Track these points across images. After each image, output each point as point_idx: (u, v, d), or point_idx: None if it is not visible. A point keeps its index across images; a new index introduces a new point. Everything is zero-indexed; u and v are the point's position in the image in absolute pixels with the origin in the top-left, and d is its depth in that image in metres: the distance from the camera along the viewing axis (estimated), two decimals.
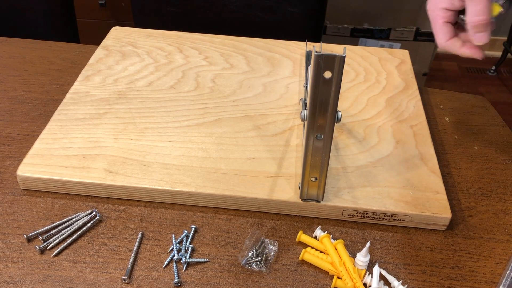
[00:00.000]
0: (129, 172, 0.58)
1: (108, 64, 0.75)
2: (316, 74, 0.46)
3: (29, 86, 0.74)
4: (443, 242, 0.56)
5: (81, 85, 0.71)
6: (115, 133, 0.63)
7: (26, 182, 0.58)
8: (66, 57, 0.81)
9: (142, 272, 0.51)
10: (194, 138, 0.63)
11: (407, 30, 1.94)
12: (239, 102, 0.69)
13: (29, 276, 0.50)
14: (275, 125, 0.66)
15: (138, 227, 0.55)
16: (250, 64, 0.77)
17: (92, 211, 0.56)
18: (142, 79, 0.73)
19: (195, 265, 0.52)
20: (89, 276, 0.50)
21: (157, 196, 0.58)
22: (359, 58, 0.79)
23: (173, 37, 0.82)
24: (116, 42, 0.80)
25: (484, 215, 0.59)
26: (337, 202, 0.56)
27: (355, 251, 0.53)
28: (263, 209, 0.57)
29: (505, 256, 0.55)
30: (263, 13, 1.06)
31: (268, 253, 0.52)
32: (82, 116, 0.65)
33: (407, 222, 0.56)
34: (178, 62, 0.76)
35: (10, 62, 0.79)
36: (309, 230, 0.56)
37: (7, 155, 0.63)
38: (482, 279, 0.52)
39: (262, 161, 0.60)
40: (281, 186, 0.57)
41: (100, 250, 0.53)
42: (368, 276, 0.51)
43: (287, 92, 0.72)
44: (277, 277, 0.51)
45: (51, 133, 0.63)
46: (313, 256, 0.52)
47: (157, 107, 0.68)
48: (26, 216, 0.56)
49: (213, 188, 0.57)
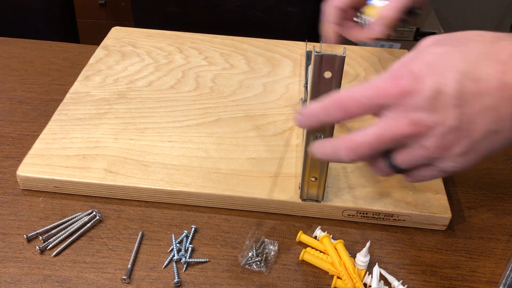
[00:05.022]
0: (129, 172, 0.58)
1: (108, 64, 0.75)
2: (316, 74, 0.46)
3: (29, 86, 0.74)
4: (443, 242, 0.56)
5: (81, 85, 0.71)
6: (115, 133, 0.63)
7: (26, 182, 0.58)
8: (66, 57, 0.81)
9: (142, 272, 0.51)
10: (194, 138, 0.63)
11: (407, 30, 1.94)
12: (239, 102, 0.69)
13: (29, 276, 0.50)
14: (275, 125, 0.66)
15: (138, 227, 0.55)
16: (250, 64, 0.77)
17: (92, 211, 0.56)
18: (142, 79, 0.73)
19: (195, 265, 0.52)
20: (89, 276, 0.50)
21: (157, 196, 0.58)
22: (359, 58, 0.79)
23: (173, 37, 0.82)
24: (116, 42, 0.80)
25: (484, 215, 0.59)
26: (337, 202, 0.56)
27: (355, 251, 0.53)
28: (263, 209, 0.57)
29: (505, 256, 0.55)
30: (263, 13, 1.06)
31: (268, 253, 0.52)
32: (82, 116, 0.65)
33: (407, 222, 0.56)
34: (178, 62, 0.76)
35: (10, 62, 0.79)
36: (309, 230, 0.56)
37: (7, 155, 0.63)
38: (482, 279, 0.52)
39: (262, 161, 0.60)
40: (281, 186, 0.57)
41: (100, 250, 0.53)
42: (368, 276, 0.51)
43: (287, 92, 0.72)
44: (277, 277, 0.51)
45: (51, 133, 0.63)
46: (313, 256, 0.52)
47: (157, 107, 0.68)
48: (26, 216, 0.56)
49: (213, 188, 0.57)
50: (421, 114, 0.40)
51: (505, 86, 0.39)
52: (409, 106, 0.40)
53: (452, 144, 0.41)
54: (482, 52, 0.40)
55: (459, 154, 0.42)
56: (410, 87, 0.40)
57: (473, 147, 0.41)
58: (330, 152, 0.45)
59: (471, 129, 0.40)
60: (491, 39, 0.40)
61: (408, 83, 0.40)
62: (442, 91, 0.39)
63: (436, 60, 0.40)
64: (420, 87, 0.40)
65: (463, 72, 0.39)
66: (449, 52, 0.41)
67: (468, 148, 0.41)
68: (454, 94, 0.39)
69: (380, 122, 0.42)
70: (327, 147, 0.45)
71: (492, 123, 0.40)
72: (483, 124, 0.40)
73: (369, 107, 0.42)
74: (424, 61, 0.41)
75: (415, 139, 0.41)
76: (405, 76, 0.41)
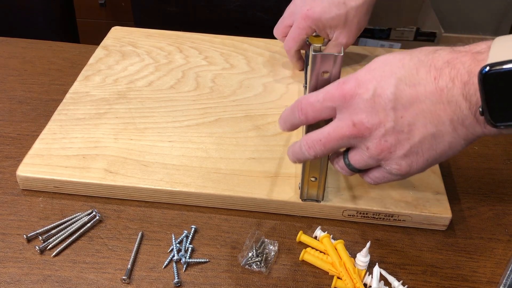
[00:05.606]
0: (129, 172, 0.58)
1: (108, 64, 0.75)
2: (314, 73, 0.46)
3: (29, 86, 0.74)
4: (443, 242, 0.56)
5: (81, 85, 0.71)
6: (115, 133, 0.63)
7: (26, 182, 0.58)
8: (66, 57, 0.81)
9: (142, 272, 0.51)
10: (194, 138, 0.63)
11: (407, 30, 1.94)
12: (239, 102, 0.69)
13: (29, 276, 0.50)
14: (275, 125, 0.66)
15: (138, 227, 0.55)
16: (250, 64, 0.77)
17: (92, 211, 0.56)
18: (142, 79, 0.73)
19: (195, 265, 0.52)
20: (89, 276, 0.50)
21: (157, 196, 0.57)
22: (360, 58, 0.79)
23: (173, 37, 0.82)
24: (116, 42, 0.80)
25: (484, 215, 0.59)
26: (337, 202, 0.56)
27: (355, 251, 0.53)
28: (263, 209, 0.57)
29: (506, 256, 0.54)
30: (263, 13, 1.06)
31: (268, 253, 0.52)
32: (82, 116, 0.65)
33: (407, 222, 0.56)
34: (178, 62, 0.76)
35: (10, 62, 0.79)
36: (309, 230, 0.56)
37: (7, 155, 0.63)
38: (482, 279, 0.52)
39: (262, 161, 0.60)
40: (281, 186, 0.57)
41: (100, 250, 0.53)
42: (368, 276, 0.51)
43: (287, 92, 0.72)
44: (277, 277, 0.51)
45: (51, 133, 0.62)
46: (313, 256, 0.52)
47: (157, 107, 0.67)
48: (26, 216, 0.56)
49: (213, 188, 0.57)
50: (361, 116, 0.43)
51: (441, 90, 0.41)
52: (352, 108, 0.44)
53: (393, 146, 0.44)
54: (420, 59, 0.42)
55: (401, 156, 0.44)
56: (353, 91, 0.44)
57: (414, 150, 0.44)
58: (297, 149, 0.49)
59: (411, 131, 0.43)
60: (431, 50, 0.43)
61: (351, 87, 0.44)
62: (380, 94, 0.42)
63: (377, 67, 0.44)
64: (361, 91, 0.43)
65: (401, 77, 0.42)
66: (390, 59, 0.44)
67: (408, 151, 0.44)
68: (391, 97, 0.42)
69: (331, 123, 0.46)
70: (295, 145, 0.49)
71: (431, 126, 0.42)
72: (421, 127, 0.42)
73: (321, 110, 0.46)
74: (368, 69, 0.45)
75: (360, 140, 0.45)
76: (350, 81, 0.44)
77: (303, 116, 0.47)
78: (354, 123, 0.44)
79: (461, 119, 0.41)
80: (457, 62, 0.41)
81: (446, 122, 0.42)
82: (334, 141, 0.46)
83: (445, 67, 0.41)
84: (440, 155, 0.44)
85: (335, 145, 0.46)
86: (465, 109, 0.41)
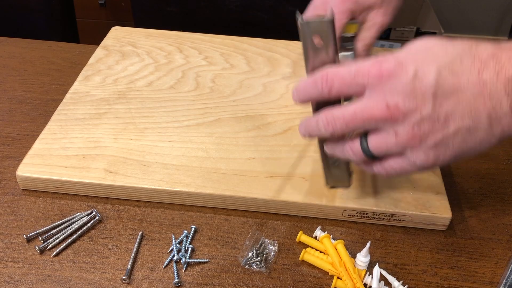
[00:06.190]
0: (129, 172, 0.58)
1: (108, 64, 0.75)
2: (306, 46, 0.43)
3: (29, 86, 0.74)
4: (443, 242, 0.56)
5: (81, 85, 0.71)
6: (115, 133, 0.63)
7: (25, 182, 0.58)
8: (66, 57, 0.81)
9: (142, 273, 0.51)
10: (194, 138, 0.63)
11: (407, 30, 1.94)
12: (239, 102, 0.69)
13: (28, 276, 0.50)
14: (275, 125, 0.66)
15: (138, 227, 0.55)
16: (250, 64, 0.77)
17: (91, 211, 0.56)
18: (142, 79, 0.73)
19: (195, 265, 0.52)
20: (89, 277, 0.50)
21: (157, 196, 0.57)
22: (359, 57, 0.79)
23: (173, 37, 0.82)
24: (116, 42, 0.80)
25: (484, 215, 0.59)
26: (337, 202, 0.56)
27: (355, 251, 0.53)
28: (263, 209, 0.57)
29: (506, 256, 0.54)
30: (263, 13, 1.06)
31: (268, 253, 0.52)
32: (82, 116, 0.65)
33: (407, 222, 0.56)
34: (178, 62, 0.76)
35: (10, 62, 0.79)
36: (309, 230, 0.56)
37: (7, 155, 0.63)
38: (482, 279, 0.52)
39: (262, 161, 0.60)
40: (281, 186, 0.57)
41: (100, 250, 0.53)
42: (368, 276, 0.51)
43: (287, 92, 0.72)
44: (277, 277, 0.51)
45: (51, 133, 0.62)
46: (313, 256, 0.52)
47: (157, 107, 0.67)
48: (25, 216, 0.56)
49: (213, 188, 0.57)
50: (398, 99, 0.41)
51: (484, 83, 0.39)
52: (388, 89, 0.41)
53: (425, 135, 0.41)
54: (464, 49, 0.41)
55: (431, 146, 0.42)
56: (392, 71, 0.41)
57: (445, 142, 0.41)
58: (313, 123, 0.46)
59: (447, 121, 0.41)
60: (474, 42, 0.42)
61: (390, 67, 0.41)
62: (421, 79, 0.40)
63: (420, 51, 0.42)
64: (401, 72, 0.40)
65: (444, 65, 0.40)
66: (433, 45, 0.42)
67: (440, 141, 0.41)
68: (433, 83, 0.40)
69: (359, 101, 0.43)
70: (311, 120, 0.46)
71: (468, 118, 0.40)
72: (459, 118, 0.40)
73: (351, 84, 0.42)
74: (409, 52, 0.42)
75: (390, 124, 0.42)
76: (389, 60, 0.41)
77: (327, 88, 0.43)
78: (388, 105, 0.41)
79: (500, 116, 0.40)
80: (502, 56, 0.39)
81: (483, 117, 0.40)
82: (359, 121, 0.42)
83: (490, 60, 0.39)
84: (468, 151, 0.42)
85: (359, 126, 0.43)
86: (505, 106, 0.39)
